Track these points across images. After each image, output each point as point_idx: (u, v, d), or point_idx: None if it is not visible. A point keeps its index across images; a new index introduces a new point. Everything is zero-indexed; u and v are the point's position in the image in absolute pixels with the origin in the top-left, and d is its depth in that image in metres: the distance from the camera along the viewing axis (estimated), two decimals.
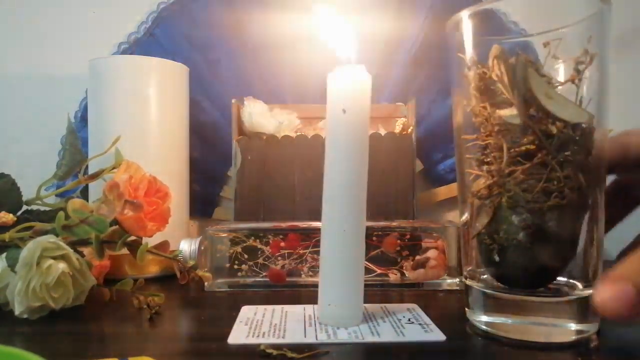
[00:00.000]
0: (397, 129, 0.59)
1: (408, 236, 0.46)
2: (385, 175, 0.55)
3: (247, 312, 0.37)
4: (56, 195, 0.55)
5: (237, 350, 0.30)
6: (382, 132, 0.57)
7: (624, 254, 0.36)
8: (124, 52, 0.64)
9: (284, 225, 0.47)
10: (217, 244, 0.46)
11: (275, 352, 0.29)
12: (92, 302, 0.40)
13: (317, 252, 0.40)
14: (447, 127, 0.63)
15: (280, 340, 0.31)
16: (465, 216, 0.35)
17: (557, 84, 0.31)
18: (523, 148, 0.30)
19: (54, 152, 0.65)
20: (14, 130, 0.66)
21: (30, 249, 0.35)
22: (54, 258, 0.36)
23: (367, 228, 0.34)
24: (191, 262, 0.46)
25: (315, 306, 0.36)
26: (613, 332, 0.33)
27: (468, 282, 0.35)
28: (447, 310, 0.39)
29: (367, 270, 0.44)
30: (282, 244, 0.45)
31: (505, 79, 0.30)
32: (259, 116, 0.57)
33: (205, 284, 0.45)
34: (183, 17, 0.63)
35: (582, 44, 0.30)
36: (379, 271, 0.45)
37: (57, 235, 0.38)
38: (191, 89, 0.60)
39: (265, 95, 0.63)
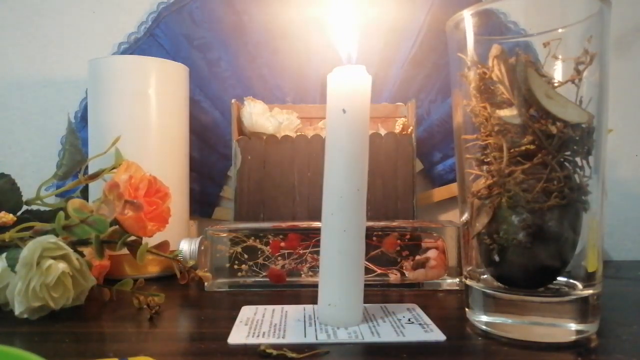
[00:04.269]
0: (397, 129, 0.59)
1: (408, 236, 0.46)
2: (385, 176, 0.55)
3: (247, 312, 0.37)
4: (56, 195, 0.55)
5: (237, 350, 0.30)
6: (382, 132, 0.57)
7: None
8: (124, 52, 0.64)
9: (284, 225, 0.47)
10: (217, 244, 0.46)
11: (275, 352, 0.29)
12: (92, 302, 0.40)
13: (317, 252, 0.40)
14: (447, 127, 0.64)
15: (280, 340, 0.31)
16: (465, 216, 0.35)
17: (557, 84, 0.31)
18: (523, 148, 0.30)
19: (54, 152, 0.65)
20: (14, 130, 0.66)
21: (30, 249, 0.35)
22: (54, 258, 0.36)
23: (367, 228, 0.34)
24: (191, 262, 0.46)
25: (315, 306, 0.36)
26: (613, 332, 0.33)
27: (468, 282, 0.35)
28: (447, 310, 0.39)
29: (367, 270, 0.44)
30: (282, 244, 0.45)
31: (505, 79, 0.30)
32: (259, 116, 0.57)
33: (205, 284, 0.45)
34: (183, 17, 0.63)
35: (582, 44, 0.30)
36: (379, 271, 0.45)
37: (57, 235, 0.38)
38: (191, 89, 0.60)
39: (265, 95, 0.63)
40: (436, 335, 0.32)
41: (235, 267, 0.45)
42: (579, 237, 0.31)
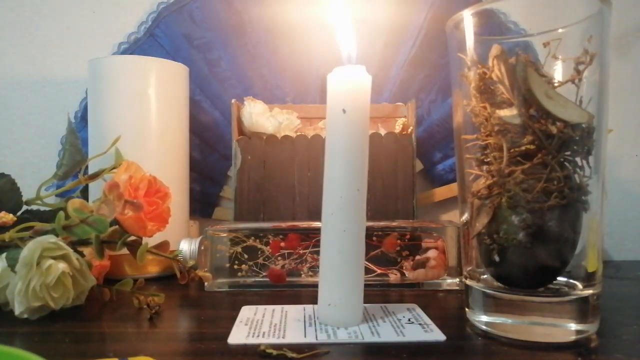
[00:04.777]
0: (397, 129, 0.59)
1: (408, 236, 0.46)
2: (385, 176, 0.55)
3: (247, 312, 0.37)
4: (56, 195, 0.55)
5: (237, 350, 0.30)
6: (382, 132, 0.57)
7: None
8: (124, 52, 0.64)
9: (284, 225, 0.47)
10: (217, 244, 0.46)
11: (275, 352, 0.29)
12: (92, 302, 0.40)
13: (317, 252, 0.40)
14: (447, 127, 0.64)
15: (280, 340, 0.31)
16: (465, 216, 0.35)
17: (557, 84, 0.31)
18: (523, 148, 0.30)
19: (54, 152, 0.65)
20: (14, 130, 0.66)
21: (30, 249, 0.35)
22: (54, 258, 0.36)
23: (367, 228, 0.34)
24: (191, 262, 0.46)
25: (315, 306, 0.36)
26: (613, 332, 0.33)
27: (468, 282, 0.35)
28: (447, 310, 0.39)
29: (367, 270, 0.44)
30: (282, 244, 0.45)
31: (505, 79, 0.30)
32: (259, 116, 0.57)
33: (205, 284, 0.45)
34: (183, 17, 0.63)
35: (582, 44, 0.30)
36: (379, 271, 0.45)
37: (57, 235, 0.38)
38: (191, 89, 0.60)
39: (265, 95, 0.63)
40: (436, 335, 0.32)
41: (235, 267, 0.45)
42: (579, 237, 0.31)
